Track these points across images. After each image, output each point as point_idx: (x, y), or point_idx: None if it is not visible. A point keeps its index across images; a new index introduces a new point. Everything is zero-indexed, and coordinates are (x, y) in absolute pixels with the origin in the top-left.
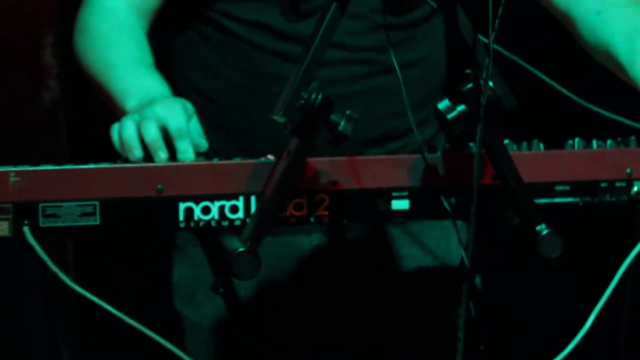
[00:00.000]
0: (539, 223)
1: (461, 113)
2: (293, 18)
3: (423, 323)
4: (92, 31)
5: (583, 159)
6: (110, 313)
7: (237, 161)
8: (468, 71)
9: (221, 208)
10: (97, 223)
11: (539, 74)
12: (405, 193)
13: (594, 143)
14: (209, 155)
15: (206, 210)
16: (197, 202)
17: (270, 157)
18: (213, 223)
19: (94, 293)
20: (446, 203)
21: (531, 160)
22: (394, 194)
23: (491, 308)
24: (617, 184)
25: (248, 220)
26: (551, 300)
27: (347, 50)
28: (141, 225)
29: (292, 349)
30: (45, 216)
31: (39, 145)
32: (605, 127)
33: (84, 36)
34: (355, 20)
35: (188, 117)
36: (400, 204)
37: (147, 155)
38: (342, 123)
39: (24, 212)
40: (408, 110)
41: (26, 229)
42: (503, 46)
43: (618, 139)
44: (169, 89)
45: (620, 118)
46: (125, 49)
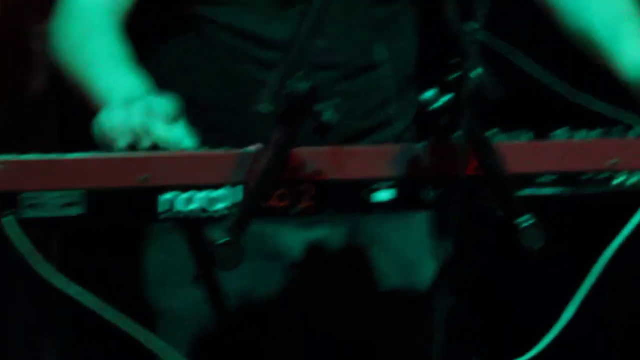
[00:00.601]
0: (522, 214)
1: (446, 103)
2: (277, 10)
3: (400, 324)
4: (69, 32)
5: (567, 149)
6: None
7: (221, 151)
8: (453, 61)
9: (205, 198)
10: (82, 212)
11: (527, 63)
12: (389, 183)
13: (579, 133)
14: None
15: (189, 200)
16: (181, 192)
17: (253, 148)
18: (195, 214)
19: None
20: (430, 194)
21: (515, 150)
22: (379, 185)
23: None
24: (601, 175)
25: (232, 210)
26: (536, 290)
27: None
28: (124, 215)
29: (269, 340)
30: (27, 206)
31: (30, 136)
32: (591, 118)
33: (61, 38)
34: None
35: (173, 120)
36: (384, 195)
37: (132, 146)
38: (328, 112)
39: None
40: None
41: (8, 219)
42: (490, 34)
43: (604, 129)
44: (152, 88)
45: (605, 108)
46: (106, 47)
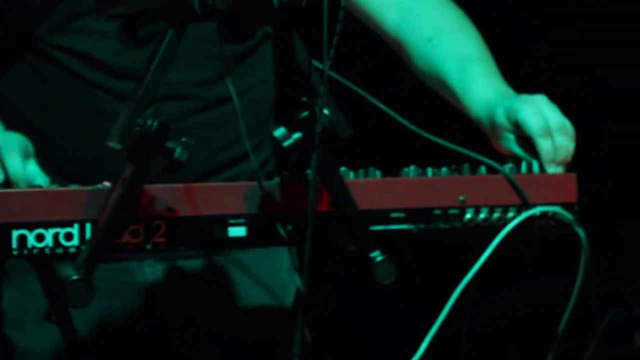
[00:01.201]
0: (374, 250)
1: (297, 141)
2: (131, 45)
3: (258, 350)
4: None
5: (418, 187)
6: None
7: (72, 188)
8: (304, 99)
9: (55, 235)
10: None
11: (376, 102)
12: (241, 220)
13: (429, 171)
14: None
15: (40, 237)
16: (31, 229)
17: (106, 184)
18: (47, 250)
19: None
20: (282, 230)
21: (367, 187)
22: (231, 221)
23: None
24: (451, 211)
25: (83, 247)
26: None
27: (169, 86)
28: None
29: None
30: None
31: None
32: (440, 156)
33: None
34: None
35: (26, 157)
36: (236, 231)
37: None
38: (178, 150)
39: None
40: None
41: None
42: (339, 73)
43: (452, 167)
44: (2, 125)
45: (454, 146)
46: None
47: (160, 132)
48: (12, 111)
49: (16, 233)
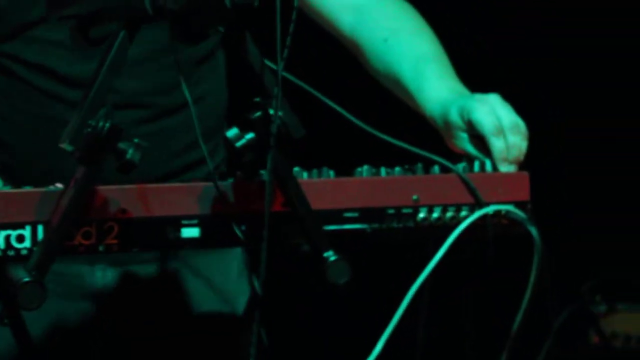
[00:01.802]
0: (327, 250)
1: (250, 141)
2: (83, 47)
3: (214, 355)
4: None
5: (371, 186)
6: None
7: (24, 190)
8: (257, 99)
9: (7, 237)
10: None
11: (329, 102)
12: (195, 221)
13: (382, 170)
14: None
15: None
16: None
17: (58, 186)
18: (0, 252)
19: None
20: (237, 230)
21: (320, 187)
22: (184, 222)
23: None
24: (404, 211)
25: (35, 249)
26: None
27: (124, 95)
28: None
29: None
30: None
31: None
32: (393, 155)
33: None
34: (138, 64)
35: None
36: (190, 232)
37: None
38: (130, 151)
39: None
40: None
41: None
42: (293, 74)
43: (405, 167)
44: None
45: (407, 146)
46: None
47: (112, 134)
48: None
49: None
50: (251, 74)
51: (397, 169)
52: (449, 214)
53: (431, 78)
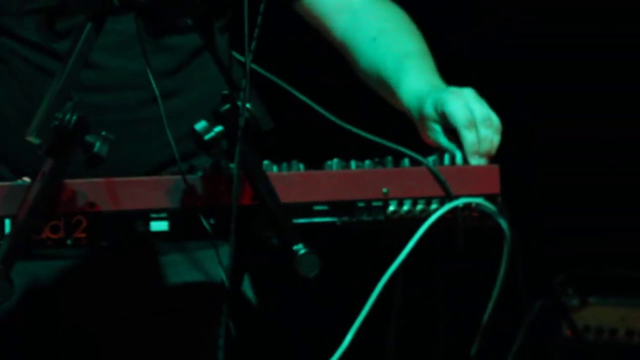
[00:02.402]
0: (297, 243)
1: (218, 134)
2: (51, 39)
3: (184, 347)
4: None
5: (341, 179)
6: None
7: None
8: (225, 92)
9: None
10: None
11: (298, 95)
12: (163, 214)
13: (352, 163)
14: None
15: None
16: None
17: (25, 179)
18: None
19: None
20: (206, 223)
21: (290, 180)
22: (153, 215)
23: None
24: (374, 204)
25: (2, 243)
26: (316, 317)
27: (122, 76)
28: None
29: None
30: None
31: None
32: (363, 148)
33: None
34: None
35: None
36: (159, 226)
37: None
38: (98, 144)
39: None
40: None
41: None
42: (262, 66)
43: (375, 160)
44: None
45: (377, 139)
46: None
47: (79, 126)
48: None
49: None
50: (220, 67)
51: (367, 162)
52: (419, 207)
53: (411, 72)
